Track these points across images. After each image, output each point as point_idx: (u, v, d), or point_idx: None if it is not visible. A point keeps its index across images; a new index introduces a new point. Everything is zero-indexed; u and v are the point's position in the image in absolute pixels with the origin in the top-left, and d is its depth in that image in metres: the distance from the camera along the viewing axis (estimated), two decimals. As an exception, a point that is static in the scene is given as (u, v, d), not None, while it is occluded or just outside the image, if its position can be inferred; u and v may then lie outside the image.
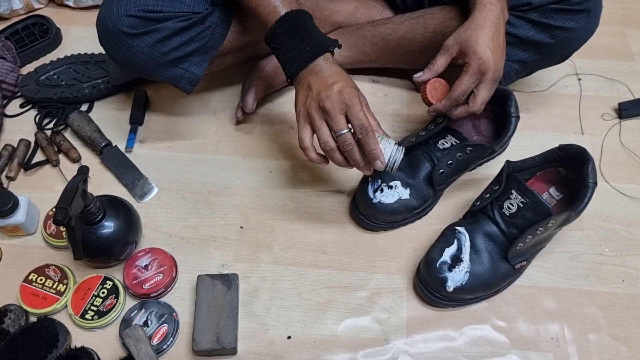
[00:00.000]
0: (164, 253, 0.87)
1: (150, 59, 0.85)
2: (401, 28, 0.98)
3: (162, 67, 0.88)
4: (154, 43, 0.84)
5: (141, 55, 0.85)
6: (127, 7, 0.82)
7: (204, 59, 0.90)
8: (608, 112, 1.07)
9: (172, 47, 0.86)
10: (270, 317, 0.84)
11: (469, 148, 0.87)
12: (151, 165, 1.00)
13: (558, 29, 0.88)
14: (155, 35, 0.84)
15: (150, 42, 0.84)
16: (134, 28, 0.83)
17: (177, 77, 0.90)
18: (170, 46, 0.85)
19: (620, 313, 0.84)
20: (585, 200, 0.79)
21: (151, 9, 0.83)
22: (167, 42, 0.85)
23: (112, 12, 0.83)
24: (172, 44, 0.85)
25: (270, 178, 0.98)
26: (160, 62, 0.86)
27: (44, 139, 1.01)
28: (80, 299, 0.83)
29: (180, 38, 0.86)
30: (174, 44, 0.86)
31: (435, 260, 0.81)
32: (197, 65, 0.90)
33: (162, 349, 0.80)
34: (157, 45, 0.85)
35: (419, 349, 0.81)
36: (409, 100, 1.09)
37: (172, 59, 0.87)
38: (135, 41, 0.84)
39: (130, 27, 0.83)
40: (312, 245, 0.91)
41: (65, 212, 0.72)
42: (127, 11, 0.82)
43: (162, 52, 0.85)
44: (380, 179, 0.88)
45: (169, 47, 0.85)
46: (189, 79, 0.91)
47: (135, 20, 0.83)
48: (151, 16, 0.83)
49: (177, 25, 0.84)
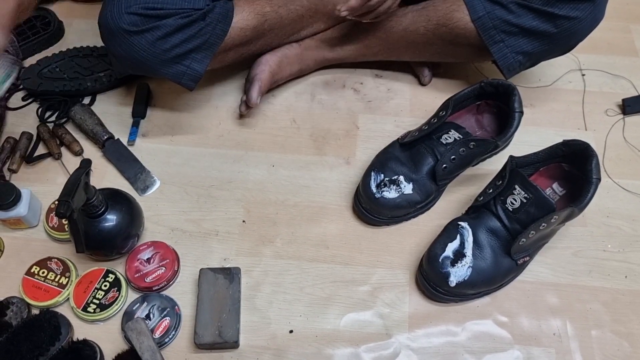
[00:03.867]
0: (166, 246, 0.87)
1: (152, 56, 0.85)
2: (404, 20, 0.98)
3: (164, 64, 0.87)
4: (155, 40, 0.84)
5: (143, 53, 0.85)
6: (128, 5, 0.82)
7: (206, 55, 0.90)
8: (612, 108, 1.06)
9: (174, 44, 0.86)
10: (273, 311, 0.84)
11: (472, 143, 0.87)
12: (153, 159, 1.00)
13: (562, 19, 0.88)
14: (157, 33, 0.84)
15: (152, 39, 0.84)
16: (135, 25, 0.83)
17: (179, 74, 0.90)
18: (171, 43, 0.85)
19: (623, 309, 0.84)
20: (589, 196, 0.78)
21: (152, 6, 0.83)
22: (168, 39, 0.85)
23: (113, 10, 0.83)
24: (174, 40, 0.85)
25: (273, 172, 0.98)
26: (162, 59, 0.86)
27: (46, 132, 1.01)
28: (83, 292, 0.83)
29: (182, 35, 0.85)
30: (176, 41, 0.86)
31: (438, 255, 0.81)
32: (199, 62, 0.90)
33: (164, 342, 0.80)
34: (159, 42, 0.85)
35: (421, 344, 0.81)
36: (412, 95, 1.08)
37: (174, 56, 0.87)
38: (137, 38, 0.84)
39: (131, 25, 0.83)
40: (314, 239, 0.91)
41: (68, 204, 0.72)
42: (128, 8, 0.82)
43: (164, 49, 0.85)
44: (383, 173, 0.88)
45: (170, 44, 0.85)
46: (191, 76, 0.91)
47: (136, 17, 0.83)
48: (152, 13, 0.83)
49: (178, 22, 0.84)
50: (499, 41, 0.93)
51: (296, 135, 1.03)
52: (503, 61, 0.95)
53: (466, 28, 0.93)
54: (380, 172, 0.88)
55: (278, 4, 0.95)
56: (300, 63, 1.05)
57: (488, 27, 0.92)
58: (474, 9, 0.92)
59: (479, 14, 0.91)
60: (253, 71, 1.01)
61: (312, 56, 1.05)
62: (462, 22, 0.93)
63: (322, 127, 1.04)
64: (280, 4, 0.95)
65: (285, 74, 1.04)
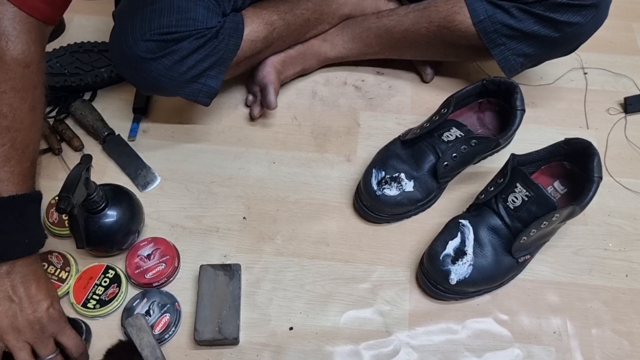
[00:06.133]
0: (167, 243, 0.87)
1: (169, 80, 0.85)
2: (406, 21, 0.98)
3: (181, 86, 0.87)
4: (172, 65, 0.84)
5: (160, 78, 0.85)
6: (142, 32, 0.81)
7: (220, 71, 0.90)
8: (614, 107, 1.06)
9: (190, 65, 0.85)
10: (273, 308, 0.84)
11: (474, 141, 0.87)
12: (154, 155, 0.99)
13: (564, 24, 0.87)
14: (173, 57, 0.83)
15: (169, 64, 0.84)
16: (152, 52, 0.82)
17: (196, 93, 0.90)
18: (188, 65, 0.85)
19: (624, 308, 0.84)
20: (590, 195, 0.78)
21: (166, 30, 0.82)
22: (184, 62, 0.84)
23: (127, 39, 0.82)
24: (190, 62, 0.85)
25: (274, 169, 0.98)
26: (178, 82, 0.86)
27: (46, 127, 1.01)
28: (83, 287, 0.83)
29: (197, 55, 0.85)
30: (192, 62, 0.85)
31: (439, 253, 0.81)
32: (214, 78, 0.89)
33: (164, 339, 0.80)
34: (175, 66, 0.84)
35: (421, 342, 0.81)
36: (414, 92, 1.08)
37: (190, 77, 0.87)
38: (154, 65, 0.83)
39: (147, 52, 0.82)
40: (314, 236, 0.91)
41: (68, 200, 0.71)
42: (143, 36, 0.81)
43: (181, 72, 0.85)
44: (385, 171, 0.88)
45: (187, 66, 0.85)
46: (207, 93, 0.90)
47: (153, 44, 0.82)
48: (167, 37, 0.82)
49: (193, 44, 0.84)
50: (500, 44, 0.92)
51: (297, 132, 1.02)
52: (504, 63, 0.95)
53: (467, 31, 0.93)
54: (382, 169, 0.88)
55: (284, 10, 0.95)
56: (303, 63, 1.05)
57: (489, 31, 0.91)
58: (475, 12, 0.91)
59: (480, 17, 0.91)
60: (260, 74, 1.00)
61: (315, 56, 1.05)
62: (463, 24, 0.93)
63: (323, 124, 1.03)
64: (286, 10, 0.95)
65: (289, 73, 1.04)
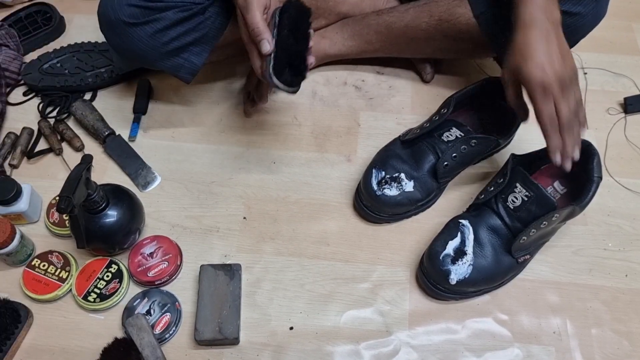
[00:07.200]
0: (169, 241, 0.87)
1: (151, 48, 0.86)
2: (406, 16, 0.98)
3: (163, 57, 0.88)
4: (154, 32, 0.84)
5: (141, 45, 0.85)
6: None
7: (205, 49, 0.90)
8: (613, 107, 1.06)
9: (173, 36, 0.86)
10: (273, 307, 0.84)
11: (474, 141, 0.87)
12: (154, 155, 1.00)
13: (564, 14, 0.87)
14: (156, 25, 0.84)
15: (151, 32, 0.84)
16: (135, 17, 0.83)
17: (177, 67, 0.90)
18: (170, 36, 0.86)
19: (623, 308, 0.84)
20: (590, 195, 0.78)
21: None
22: (167, 32, 0.85)
23: (113, 2, 0.83)
24: (173, 33, 0.86)
25: (274, 169, 0.98)
26: (160, 52, 0.87)
27: (47, 127, 1.01)
28: (85, 280, 0.84)
29: (181, 28, 0.86)
30: (175, 34, 0.86)
31: (439, 252, 0.81)
32: (197, 55, 0.90)
33: (165, 338, 0.80)
34: (158, 34, 0.85)
35: (421, 341, 0.81)
36: (414, 92, 1.08)
37: (173, 49, 0.87)
38: (136, 30, 0.84)
39: (131, 17, 0.83)
40: (315, 236, 0.91)
41: (69, 200, 0.72)
42: (129, 1, 0.83)
43: (163, 41, 0.86)
44: (385, 171, 0.88)
45: (169, 37, 0.86)
46: (189, 69, 0.91)
47: (136, 9, 0.83)
48: (152, 5, 0.83)
49: (177, 15, 0.84)
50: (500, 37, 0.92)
51: (297, 132, 1.02)
52: None
53: (468, 24, 0.93)
54: (382, 169, 0.88)
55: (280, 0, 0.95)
56: None
57: (490, 24, 0.91)
58: (476, 4, 0.91)
59: (480, 10, 0.91)
60: None
61: (314, 52, 1.05)
62: (464, 17, 0.93)
63: (323, 124, 1.03)
64: None
65: None
